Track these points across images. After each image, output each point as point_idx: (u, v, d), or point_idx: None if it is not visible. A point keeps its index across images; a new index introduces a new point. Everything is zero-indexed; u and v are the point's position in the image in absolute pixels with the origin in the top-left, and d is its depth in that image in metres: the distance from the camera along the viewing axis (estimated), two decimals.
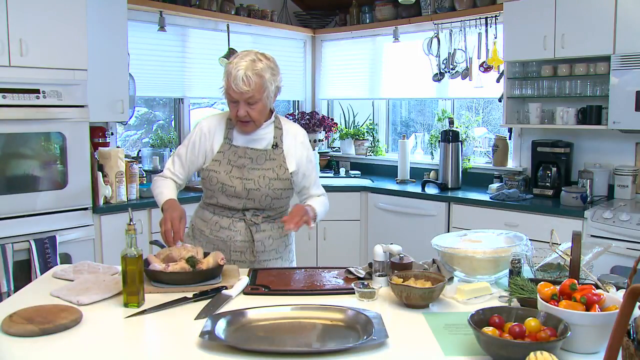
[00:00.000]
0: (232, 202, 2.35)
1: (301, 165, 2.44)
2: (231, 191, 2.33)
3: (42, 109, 3.43)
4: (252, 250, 2.38)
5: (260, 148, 2.38)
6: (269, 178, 2.35)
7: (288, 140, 2.43)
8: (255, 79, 2.23)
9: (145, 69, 4.58)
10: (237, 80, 2.21)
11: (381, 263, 2.07)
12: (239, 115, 2.28)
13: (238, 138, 2.39)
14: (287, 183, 2.39)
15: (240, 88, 2.22)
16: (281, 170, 2.38)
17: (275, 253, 2.45)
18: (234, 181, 2.33)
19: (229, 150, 2.37)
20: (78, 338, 1.59)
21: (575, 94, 4.09)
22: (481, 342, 1.43)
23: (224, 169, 2.34)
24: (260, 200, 2.35)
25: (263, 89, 2.26)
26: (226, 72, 2.28)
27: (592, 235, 3.58)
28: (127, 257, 1.80)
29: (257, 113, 2.29)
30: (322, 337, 1.61)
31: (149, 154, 4.68)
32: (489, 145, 4.96)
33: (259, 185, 2.33)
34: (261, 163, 2.36)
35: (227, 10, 4.99)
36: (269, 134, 2.41)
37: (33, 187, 3.48)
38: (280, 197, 2.39)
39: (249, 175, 2.34)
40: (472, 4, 4.69)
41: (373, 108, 5.83)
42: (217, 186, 2.34)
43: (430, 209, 4.44)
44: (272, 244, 2.43)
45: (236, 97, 2.25)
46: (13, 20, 3.28)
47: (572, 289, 1.53)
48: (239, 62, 2.25)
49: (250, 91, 2.22)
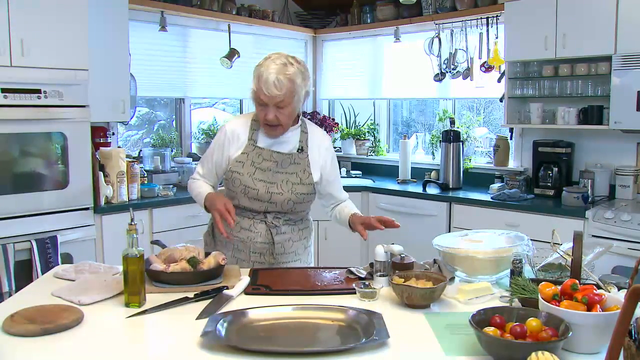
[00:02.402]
0: (254, 204, 2.32)
1: (325, 171, 2.42)
2: (254, 194, 2.30)
3: (44, 109, 3.43)
4: (272, 252, 2.37)
5: (285, 152, 2.35)
6: (292, 183, 2.33)
7: (313, 145, 2.40)
8: (287, 84, 2.18)
9: (146, 69, 4.58)
10: (268, 84, 2.17)
11: (382, 263, 2.07)
12: (267, 120, 2.24)
13: (262, 140, 2.35)
14: (310, 188, 2.36)
15: (271, 92, 2.17)
16: (305, 175, 2.35)
17: (295, 255, 2.44)
18: (257, 184, 2.30)
19: (252, 152, 2.33)
20: (79, 338, 1.59)
21: (577, 94, 4.09)
22: (482, 342, 1.43)
23: (247, 170, 2.31)
24: (283, 204, 2.32)
25: (294, 93, 2.21)
26: (256, 74, 2.22)
27: (593, 236, 3.57)
28: (129, 257, 1.80)
29: (286, 117, 2.26)
30: (323, 337, 1.61)
31: (150, 154, 4.68)
32: (490, 145, 4.95)
33: (281, 189, 2.31)
34: (285, 167, 2.34)
35: (228, 10, 4.99)
36: (295, 138, 2.38)
37: (34, 187, 3.48)
38: (303, 202, 2.37)
39: (273, 179, 2.31)
40: (473, 4, 4.68)
41: (374, 108, 5.83)
42: (240, 188, 2.31)
43: (431, 209, 4.44)
44: (292, 246, 2.42)
45: (266, 101, 2.21)
46: (14, 21, 3.28)
47: (574, 289, 1.53)
48: (269, 65, 2.20)
49: (281, 95, 2.18)
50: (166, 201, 4.13)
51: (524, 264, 1.98)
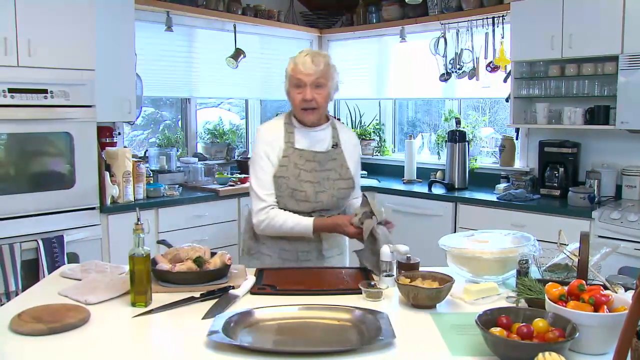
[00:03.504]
0: (301, 206, 2.33)
1: (355, 167, 2.46)
2: (302, 196, 2.31)
3: (50, 109, 3.44)
4: (320, 249, 2.39)
5: (323, 150, 2.39)
6: (333, 179, 2.36)
7: (344, 141, 2.46)
8: (324, 63, 2.28)
9: (152, 69, 4.58)
10: (305, 63, 2.25)
11: (388, 263, 2.07)
12: (305, 99, 2.28)
13: (300, 141, 2.37)
14: (350, 182, 2.41)
15: (309, 68, 2.25)
16: (343, 169, 2.40)
17: (338, 249, 2.48)
18: (304, 185, 2.31)
19: (293, 154, 2.34)
20: (86, 337, 1.60)
21: (583, 94, 4.07)
22: (489, 342, 1.43)
23: (292, 173, 2.32)
24: (328, 201, 2.35)
25: (329, 75, 2.30)
26: (291, 62, 2.31)
27: (599, 236, 3.56)
28: (135, 257, 1.81)
29: (322, 99, 2.31)
30: (329, 337, 1.61)
31: (155, 154, 4.69)
32: (496, 145, 4.94)
33: (324, 187, 2.34)
34: (325, 165, 2.37)
35: (234, 10, 5.00)
36: (328, 135, 2.42)
37: (41, 187, 3.49)
38: (344, 197, 2.41)
39: (317, 179, 2.34)
40: (479, 4, 4.67)
41: (379, 108, 5.82)
42: (287, 192, 2.32)
43: (437, 209, 4.44)
44: (335, 241, 2.45)
45: (304, 80, 2.26)
46: (21, 21, 3.29)
47: (580, 290, 1.53)
48: (301, 52, 2.32)
49: (318, 72, 2.26)
50: (172, 201, 4.13)
51: (530, 264, 1.98)
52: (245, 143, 5.65)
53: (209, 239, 4.11)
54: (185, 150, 5.13)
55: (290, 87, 2.34)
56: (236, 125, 5.71)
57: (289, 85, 2.34)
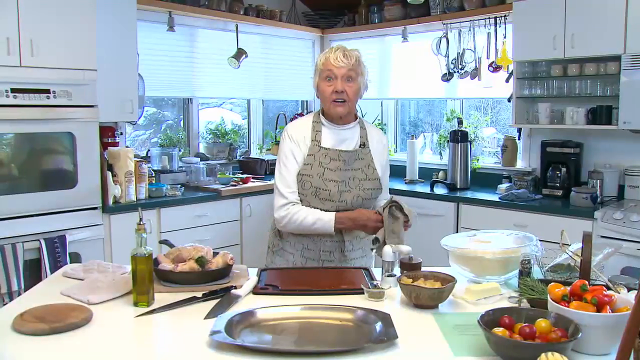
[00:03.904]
0: (325, 205, 2.32)
1: (382, 168, 2.44)
2: (325, 195, 2.31)
3: (52, 109, 3.45)
4: (342, 249, 2.38)
5: (350, 149, 2.38)
6: (359, 179, 2.36)
7: (373, 141, 2.45)
8: (355, 57, 2.33)
9: (154, 69, 4.59)
10: (337, 55, 2.29)
11: (390, 263, 2.07)
12: (337, 90, 2.29)
13: (326, 140, 2.37)
14: (377, 183, 2.39)
15: (340, 61, 2.28)
16: (369, 170, 2.38)
17: (362, 251, 2.45)
18: (328, 184, 2.31)
19: (319, 153, 2.35)
20: (88, 337, 1.60)
21: (585, 94, 4.07)
22: (491, 342, 1.42)
23: (317, 172, 2.32)
24: (352, 201, 2.34)
25: (360, 69, 2.34)
26: (322, 56, 2.35)
27: (602, 236, 3.55)
28: (137, 257, 1.81)
29: (353, 92, 2.32)
30: (331, 337, 1.61)
31: (157, 154, 4.69)
32: (498, 145, 4.94)
33: (349, 187, 2.33)
34: (351, 164, 2.36)
35: (236, 10, 5.00)
36: (355, 134, 2.42)
37: (43, 187, 3.50)
38: (370, 198, 2.39)
39: (342, 178, 2.33)
40: (481, 4, 4.67)
41: (382, 108, 5.82)
42: (311, 190, 2.32)
43: (439, 209, 4.43)
44: (360, 242, 2.43)
45: (335, 72, 2.29)
46: (24, 21, 3.30)
47: (583, 290, 1.52)
48: (332, 47, 2.36)
49: (350, 64, 2.29)
50: (174, 201, 4.14)
51: (533, 264, 1.98)
52: (247, 143, 5.65)
53: (211, 239, 4.11)
54: (187, 150, 5.14)
55: (320, 81, 2.35)
56: (238, 126, 5.72)
57: (320, 79, 2.35)
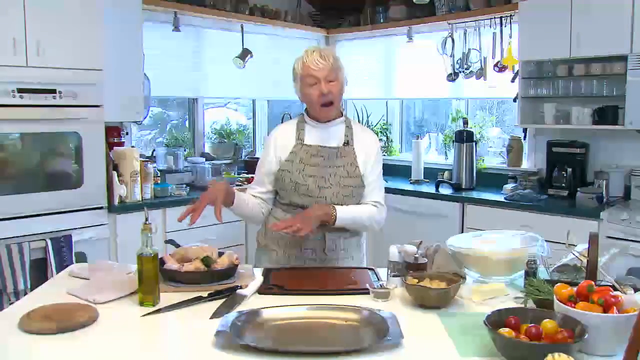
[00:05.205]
0: (304, 200, 2.34)
1: (366, 167, 2.41)
2: (304, 190, 2.33)
3: (59, 108, 3.46)
4: (324, 248, 2.38)
5: (332, 146, 2.39)
6: (340, 176, 2.36)
7: (358, 140, 2.45)
8: (331, 57, 2.33)
9: (159, 69, 4.59)
10: (314, 58, 2.30)
11: (396, 263, 2.06)
12: (323, 91, 2.30)
13: (310, 137, 2.40)
14: (358, 181, 2.38)
15: (319, 63, 2.29)
16: (352, 168, 2.38)
17: (346, 252, 2.44)
18: (307, 179, 2.33)
19: (301, 150, 2.38)
20: (94, 336, 1.60)
21: (591, 94, 4.05)
22: (497, 343, 1.42)
23: (296, 168, 2.34)
24: (332, 198, 2.33)
25: (339, 69, 2.34)
26: (298, 61, 2.36)
27: (608, 237, 3.54)
28: (143, 256, 1.81)
29: (337, 92, 2.35)
30: (337, 337, 1.61)
31: (163, 154, 4.70)
32: (504, 145, 4.93)
33: (329, 183, 2.34)
34: (333, 160, 2.37)
35: (241, 10, 5.00)
36: (340, 132, 2.43)
37: (49, 187, 3.51)
38: (352, 195, 2.37)
39: (321, 173, 2.34)
40: (486, 4, 4.66)
41: (387, 108, 5.81)
42: (290, 185, 2.34)
43: (444, 209, 4.43)
44: (344, 243, 2.42)
45: (316, 75, 2.29)
46: (30, 21, 3.31)
47: (590, 291, 1.52)
48: (306, 50, 2.37)
49: (329, 65, 2.30)
50: (179, 201, 4.14)
51: (538, 265, 1.97)
52: (252, 143, 5.65)
53: (216, 239, 4.11)
54: (193, 150, 5.14)
55: (303, 87, 2.35)
56: (243, 126, 5.72)
57: (302, 86, 2.35)
